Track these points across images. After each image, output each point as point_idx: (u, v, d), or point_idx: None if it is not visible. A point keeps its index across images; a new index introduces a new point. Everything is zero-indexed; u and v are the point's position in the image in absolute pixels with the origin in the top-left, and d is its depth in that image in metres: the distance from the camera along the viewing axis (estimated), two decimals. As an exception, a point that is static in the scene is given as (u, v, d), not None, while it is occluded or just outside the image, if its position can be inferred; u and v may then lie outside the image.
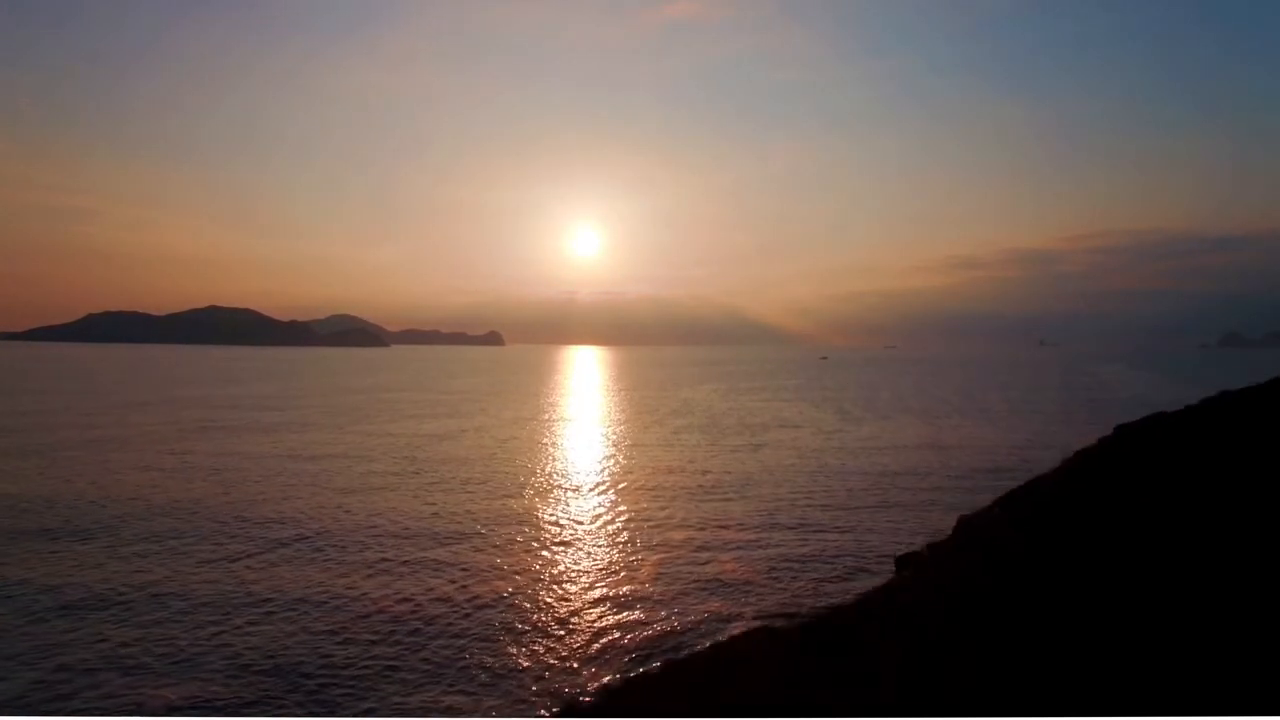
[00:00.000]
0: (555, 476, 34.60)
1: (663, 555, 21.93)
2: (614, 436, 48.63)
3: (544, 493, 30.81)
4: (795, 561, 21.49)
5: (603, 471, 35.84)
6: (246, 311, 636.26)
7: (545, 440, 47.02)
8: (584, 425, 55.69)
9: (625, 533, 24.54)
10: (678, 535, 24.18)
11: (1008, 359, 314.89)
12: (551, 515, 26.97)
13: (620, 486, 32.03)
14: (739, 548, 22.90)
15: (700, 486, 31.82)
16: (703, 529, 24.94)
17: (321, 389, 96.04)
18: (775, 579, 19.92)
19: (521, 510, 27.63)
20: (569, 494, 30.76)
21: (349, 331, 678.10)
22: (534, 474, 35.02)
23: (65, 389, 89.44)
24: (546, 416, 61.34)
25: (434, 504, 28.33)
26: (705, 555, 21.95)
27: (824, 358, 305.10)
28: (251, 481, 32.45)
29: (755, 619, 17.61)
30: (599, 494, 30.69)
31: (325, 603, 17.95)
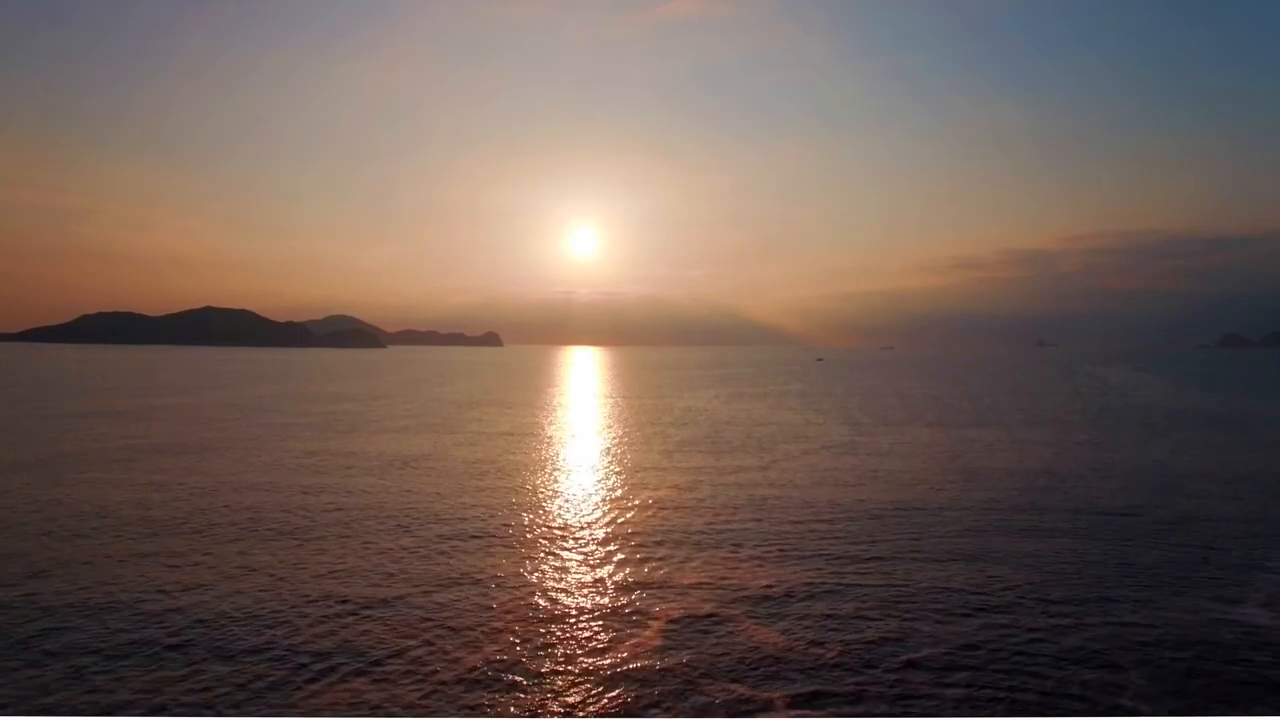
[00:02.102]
0: (548, 508, 31.73)
1: (668, 614, 19.04)
2: (613, 455, 45.80)
3: (535, 528, 27.95)
4: (822, 618, 18.68)
5: (600, 501, 32.98)
6: (243, 312, 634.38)
7: (540, 460, 44.21)
8: (581, 441, 52.89)
9: (625, 582, 21.65)
10: (686, 580, 21.32)
11: (1008, 360, 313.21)
12: (541, 557, 24.08)
13: (619, 521, 29.15)
14: (754, 598, 20.06)
15: (707, 520, 28.93)
16: (712, 574, 22.07)
17: (311, 396, 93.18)
18: (802, 641, 17.11)
19: (506, 554, 24.75)
20: (562, 529, 27.88)
21: (346, 332, 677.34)
22: (526, 505, 32.15)
23: (43, 395, 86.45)
24: (542, 431, 58.52)
25: (408, 546, 25.45)
26: (718, 609, 19.11)
27: (820, 359, 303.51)
28: (201, 519, 29.53)
29: (784, 697, 14.89)
30: (595, 531, 27.82)
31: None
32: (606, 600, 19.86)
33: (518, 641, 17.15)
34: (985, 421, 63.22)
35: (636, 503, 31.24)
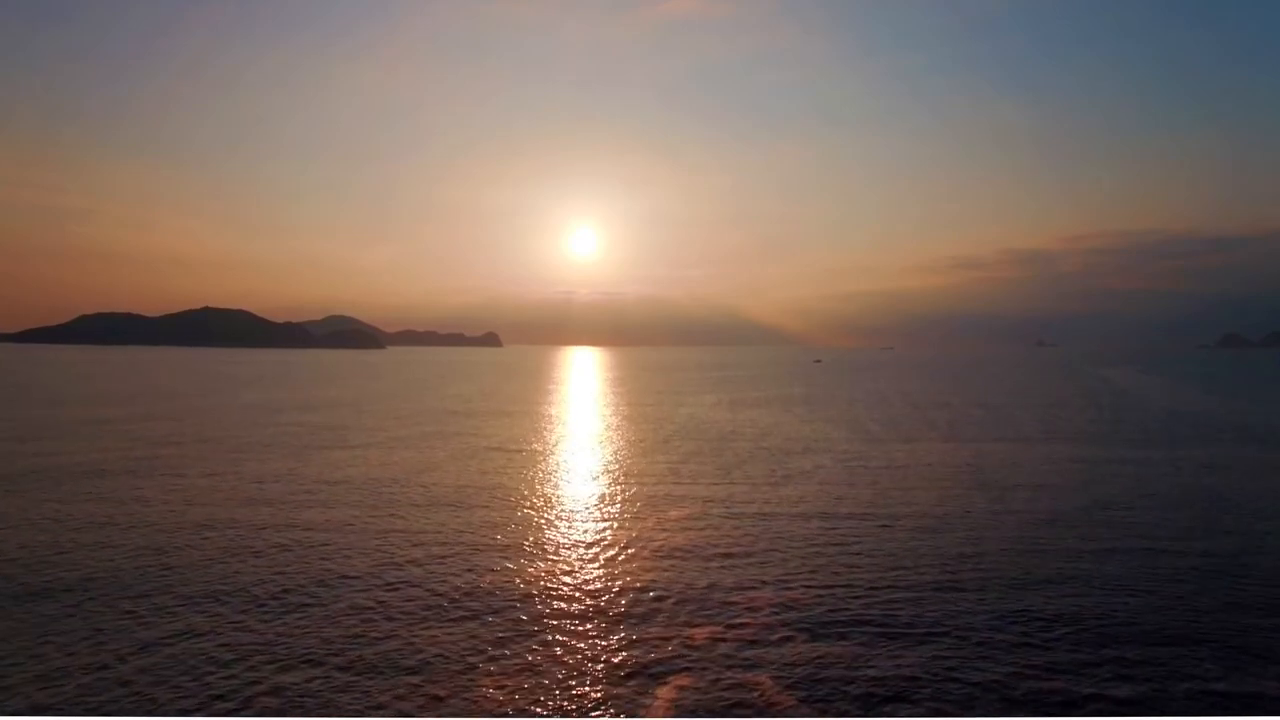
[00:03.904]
0: (546, 531, 29.28)
1: (680, 677, 16.63)
2: (613, 471, 43.39)
3: (532, 553, 25.51)
4: (845, 656, 16.31)
5: (603, 524, 30.54)
6: (241, 313, 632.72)
7: (538, 478, 41.83)
8: (579, 453, 50.48)
9: (626, 635, 19.21)
10: (698, 633, 18.91)
11: (1009, 361, 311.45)
12: (538, 583, 21.63)
13: (624, 548, 26.70)
14: (779, 645, 17.69)
15: (720, 550, 26.47)
16: (728, 622, 19.64)
17: (302, 403, 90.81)
18: (820, 680, 14.73)
19: (499, 586, 22.29)
20: (561, 555, 25.44)
21: (345, 333, 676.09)
22: (522, 527, 29.70)
23: (14, 401, 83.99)
24: (538, 442, 56.03)
25: (388, 568, 23.02)
26: (727, 643, 16.75)
27: (818, 360, 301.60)
28: (157, 546, 27.06)
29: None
30: (597, 557, 25.37)
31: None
32: (611, 627, 17.46)
33: (513, 685, 14.76)
34: (1001, 432, 60.86)
35: (642, 527, 28.78)
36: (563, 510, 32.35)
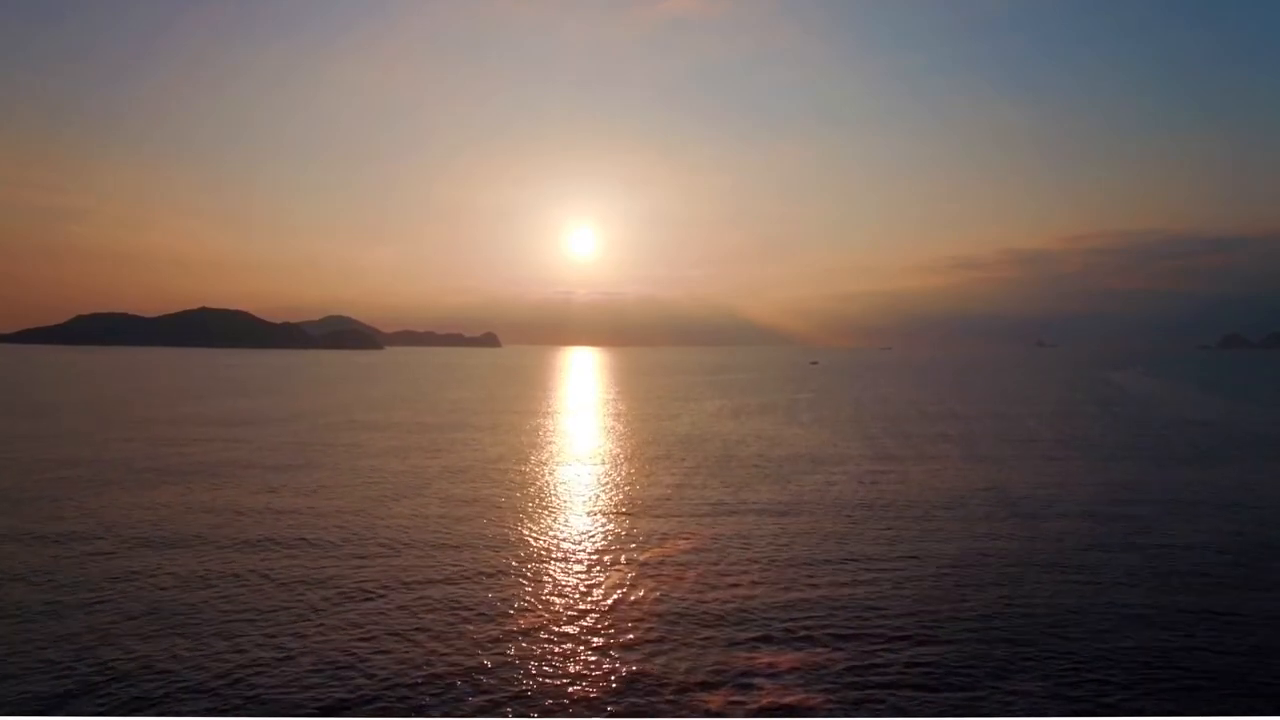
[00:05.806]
0: (535, 569, 26.93)
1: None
2: (614, 487, 41.07)
3: (528, 585, 23.17)
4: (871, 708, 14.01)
5: (605, 554, 28.18)
6: (238, 313, 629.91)
7: (528, 501, 39.55)
8: (577, 472, 48.12)
9: (628, 682, 16.86)
10: (703, 691, 16.56)
11: (1010, 362, 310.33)
12: (532, 623, 19.27)
13: (620, 592, 24.37)
14: (783, 672, 15.39)
15: (730, 581, 24.08)
16: (732, 655, 17.31)
17: (291, 412, 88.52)
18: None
19: (491, 623, 19.94)
20: (559, 588, 23.09)
21: (343, 333, 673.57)
22: (506, 561, 27.35)
23: None
24: (534, 459, 53.62)
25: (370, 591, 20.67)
26: (740, 697, 14.43)
27: (814, 362, 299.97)
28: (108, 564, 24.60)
29: None
30: (599, 594, 23.02)
31: None
32: (604, 681, 15.11)
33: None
34: (1017, 448, 58.53)
35: (642, 562, 26.38)
36: (557, 538, 29.96)
